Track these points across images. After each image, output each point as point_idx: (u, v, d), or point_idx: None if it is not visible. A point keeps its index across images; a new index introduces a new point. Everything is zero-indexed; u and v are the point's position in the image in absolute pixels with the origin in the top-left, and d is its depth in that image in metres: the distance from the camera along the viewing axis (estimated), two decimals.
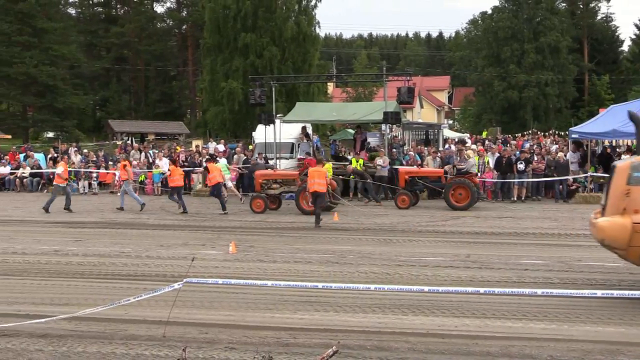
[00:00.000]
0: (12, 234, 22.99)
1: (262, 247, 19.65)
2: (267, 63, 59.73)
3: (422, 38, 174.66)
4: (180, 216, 27.48)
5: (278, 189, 29.77)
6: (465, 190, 28.91)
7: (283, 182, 29.95)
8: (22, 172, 39.45)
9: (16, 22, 67.79)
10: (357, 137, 37.64)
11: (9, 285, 15.13)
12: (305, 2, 63.75)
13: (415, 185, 30.66)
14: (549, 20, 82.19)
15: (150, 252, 18.99)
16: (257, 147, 37.92)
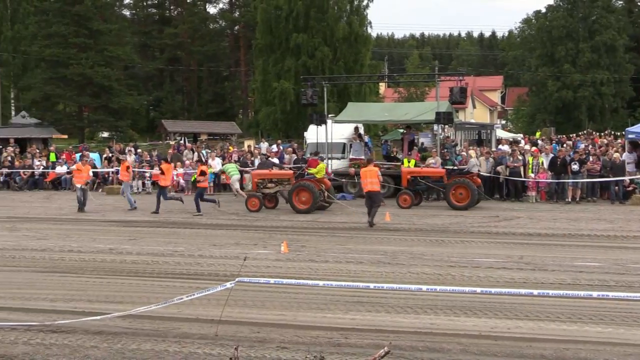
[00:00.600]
0: (69, 232, 23.39)
1: (314, 247, 19.68)
2: (318, 63, 59.77)
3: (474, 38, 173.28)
4: (234, 215, 27.64)
5: (273, 188, 30.19)
6: (465, 190, 29.18)
7: (278, 181, 30.39)
8: None
9: (72, 24, 68.85)
10: (405, 137, 37.48)
11: (65, 283, 15.40)
12: (357, 2, 63.63)
13: (417, 185, 30.85)
14: (605, 19, 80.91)
15: (203, 252, 19.15)
16: (308, 147, 37.98)
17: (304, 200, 28.54)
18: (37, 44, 70.42)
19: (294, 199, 28.61)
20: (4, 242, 21.14)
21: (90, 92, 69.21)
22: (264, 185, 30.12)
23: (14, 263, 17.83)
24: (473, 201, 29.14)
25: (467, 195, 29.08)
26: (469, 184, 29.24)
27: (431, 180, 30.88)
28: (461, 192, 29.25)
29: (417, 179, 30.83)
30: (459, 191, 29.31)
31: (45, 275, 16.28)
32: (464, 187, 29.25)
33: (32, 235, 22.53)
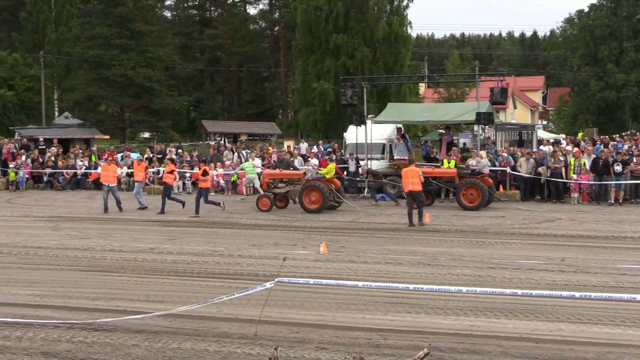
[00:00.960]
0: (110, 231, 23.64)
1: (353, 248, 19.67)
2: (358, 64, 59.76)
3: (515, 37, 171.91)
4: (273, 215, 27.72)
5: (284, 187, 30.31)
6: (476, 191, 29.30)
7: (289, 181, 30.48)
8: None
9: (115, 25, 69.67)
10: (443, 138, 37.30)
11: (107, 282, 15.57)
12: (397, 3, 63.51)
13: (429, 186, 30.68)
14: None
15: (243, 252, 19.24)
16: (348, 148, 37.98)
17: (314, 200, 28.78)
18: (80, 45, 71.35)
19: (304, 199, 28.84)
20: (48, 241, 21.45)
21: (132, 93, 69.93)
22: (275, 185, 30.36)
23: (57, 262, 18.07)
24: (483, 201, 29.29)
25: (478, 195, 29.22)
26: (479, 185, 29.34)
27: (443, 181, 31.01)
28: (472, 193, 29.45)
29: (429, 179, 30.84)
30: (470, 191, 29.50)
31: (87, 274, 16.48)
32: (474, 187, 29.43)
33: (75, 235, 22.82)
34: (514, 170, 33.05)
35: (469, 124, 40.27)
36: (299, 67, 64.47)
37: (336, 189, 29.51)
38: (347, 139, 39.18)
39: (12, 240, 21.68)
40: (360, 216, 27.35)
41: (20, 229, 24.26)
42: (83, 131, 53.99)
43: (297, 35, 65.16)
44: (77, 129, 54.29)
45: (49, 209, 30.37)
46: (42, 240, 21.65)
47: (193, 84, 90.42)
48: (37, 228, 24.59)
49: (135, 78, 68.05)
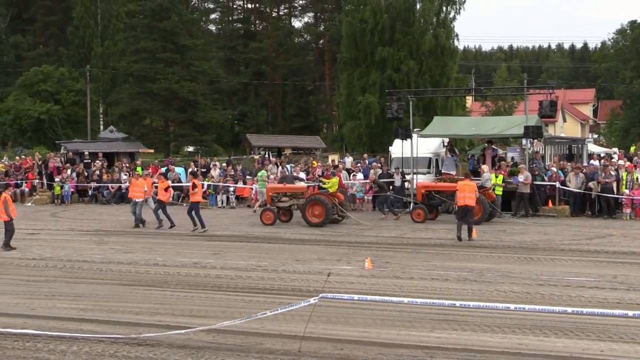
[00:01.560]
0: (154, 245, 23.84)
1: (399, 263, 19.58)
2: (404, 77, 59.65)
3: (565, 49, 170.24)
4: (317, 230, 27.74)
5: (288, 201, 30.58)
6: (477, 205, 28.64)
7: (292, 195, 30.78)
8: None
9: (160, 39, 70.55)
10: (486, 152, 37.00)
11: (150, 296, 15.69)
12: (444, 15, 63.34)
13: (432, 200, 31.06)
14: None
15: (287, 267, 19.26)
16: (393, 162, 37.87)
17: (317, 214, 29.06)
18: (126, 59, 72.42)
19: (307, 213, 29.13)
20: (92, 255, 21.69)
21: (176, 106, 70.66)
22: (279, 199, 30.63)
23: (101, 276, 18.26)
24: (484, 217, 29.24)
25: (479, 210, 28.90)
26: (480, 199, 29.01)
27: (445, 195, 30.99)
28: None
29: (432, 193, 31.17)
30: None
31: (131, 288, 16.62)
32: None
33: (119, 249, 23.06)
34: (563, 185, 32.67)
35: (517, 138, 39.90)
36: (344, 80, 64.58)
37: (339, 203, 29.92)
38: (392, 153, 39.07)
39: (57, 254, 21.96)
40: (405, 231, 27.23)
41: (64, 243, 24.58)
42: (128, 145, 54.67)
43: (343, 48, 65.29)
44: (122, 143, 55.00)
45: (94, 223, 30.73)
46: (87, 254, 21.90)
47: (237, 97, 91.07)
48: (82, 242, 24.89)
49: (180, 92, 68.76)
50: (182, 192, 40.03)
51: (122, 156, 50.23)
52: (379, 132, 60.03)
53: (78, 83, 74.03)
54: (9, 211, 22.80)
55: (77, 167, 42.36)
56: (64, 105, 72.05)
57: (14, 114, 70.35)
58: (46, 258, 21.12)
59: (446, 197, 31.03)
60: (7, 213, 22.74)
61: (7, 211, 22.74)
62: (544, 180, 33.11)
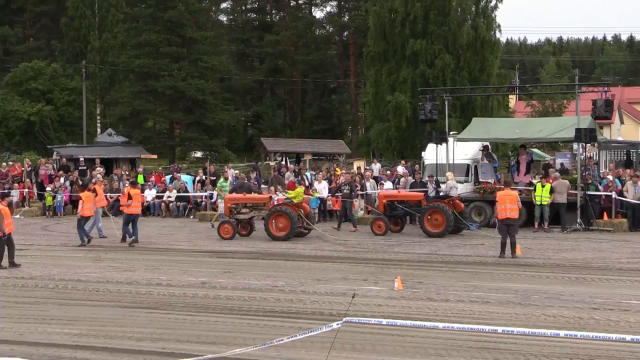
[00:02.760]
0: (157, 263, 23.92)
1: (433, 284, 19.54)
2: (439, 73, 59.59)
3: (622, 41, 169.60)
4: (340, 247, 27.75)
5: (247, 213, 31.09)
6: (441, 216, 30.01)
7: (253, 206, 31.32)
8: (168, 195, 40.90)
9: (164, 31, 70.75)
10: (521, 158, 36.86)
11: (153, 320, 15.73)
12: (484, 3, 63.18)
13: (394, 210, 31.84)
14: None
15: (306, 287, 19.26)
16: (427, 169, 37.85)
17: (281, 227, 29.55)
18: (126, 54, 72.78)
19: (270, 226, 29.57)
20: (88, 273, 21.79)
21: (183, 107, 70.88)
22: (238, 211, 31.11)
23: (98, 297, 18.34)
24: (448, 228, 29.96)
25: (443, 221, 29.89)
26: (444, 209, 29.99)
27: (409, 205, 31.92)
28: (437, 218, 30.21)
29: (395, 203, 31.86)
30: (435, 217, 30.27)
31: (131, 311, 16.68)
32: (439, 212, 30.12)
33: (118, 267, 23.15)
34: (620, 195, 32.50)
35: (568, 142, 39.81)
36: (371, 77, 64.57)
37: (305, 215, 30.26)
38: (425, 159, 39.05)
39: (49, 272, 22.08)
40: (439, 247, 27.19)
41: (57, 260, 24.71)
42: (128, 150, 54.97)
43: (369, 41, 65.30)
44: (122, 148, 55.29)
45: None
46: (82, 272, 22.00)
47: (251, 96, 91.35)
48: (77, 259, 25.02)
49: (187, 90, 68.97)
50: (189, 203, 40.28)
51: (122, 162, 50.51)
52: (410, 135, 59.97)
53: (73, 81, 74.52)
54: (2, 226, 22.79)
55: (71, 175, 42.54)
56: (57, 105, 72.57)
57: (0, 115, 70.94)
58: (36, 277, 21.24)
59: (409, 208, 31.89)
60: (0, 228, 22.76)
61: (0, 225, 22.75)
62: (598, 190, 32.96)
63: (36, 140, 70.25)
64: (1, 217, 22.75)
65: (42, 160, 46.84)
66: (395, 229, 31.99)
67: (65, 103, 73.20)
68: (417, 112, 38.32)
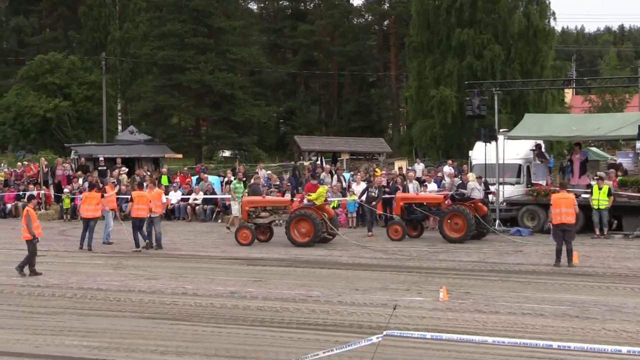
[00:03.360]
0: (182, 271, 24.01)
1: (481, 294, 19.47)
2: (487, 65, 59.31)
3: None
4: (381, 254, 27.70)
5: (267, 217, 31.12)
6: (462, 220, 30.04)
7: (273, 210, 31.35)
8: (194, 198, 41.00)
9: (190, 21, 70.82)
10: (574, 157, 36.57)
11: (178, 332, 15.79)
12: None
13: (412, 214, 31.79)
14: None
15: (343, 297, 19.25)
16: (474, 170, 37.66)
17: (303, 232, 29.55)
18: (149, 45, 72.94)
19: (291, 231, 29.54)
20: (108, 282, 21.93)
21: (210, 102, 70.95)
22: (257, 215, 31.07)
23: (119, 307, 18.45)
24: (469, 233, 29.96)
25: (464, 225, 29.94)
26: (465, 212, 29.95)
27: (428, 208, 31.88)
28: (457, 222, 30.25)
29: (412, 206, 31.81)
30: (455, 220, 30.31)
31: (155, 322, 16.76)
32: (459, 215, 30.13)
33: (140, 274, 23.28)
34: None
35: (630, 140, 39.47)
36: (414, 70, 64.43)
37: (329, 218, 30.24)
38: (473, 158, 38.88)
39: (66, 280, 22.26)
40: (489, 255, 27.08)
41: (75, 267, 24.91)
42: (151, 149, 55.22)
43: (412, 31, 65.16)
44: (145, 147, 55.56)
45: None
46: (102, 280, 22.15)
47: (283, 91, 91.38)
48: (96, 266, 25.20)
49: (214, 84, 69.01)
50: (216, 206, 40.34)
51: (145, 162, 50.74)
52: (456, 133, 59.76)
53: (92, 74, 74.99)
54: (32, 228, 23.04)
55: (90, 175, 42.71)
56: (75, 101, 73.05)
57: (15, 111, 71.53)
58: (53, 285, 21.42)
59: (428, 211, 31.75)
60: (30, 230, 23.00)
61: (30, 228, 22.99)
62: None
63: (53, 138, 70.76)
64: (29, 219, 23.03)
65: (59, 159, 47.01)
66: (413, 233, 31.99)
67: (84, 98, 73.66)
68: (464, 107, 38.10)
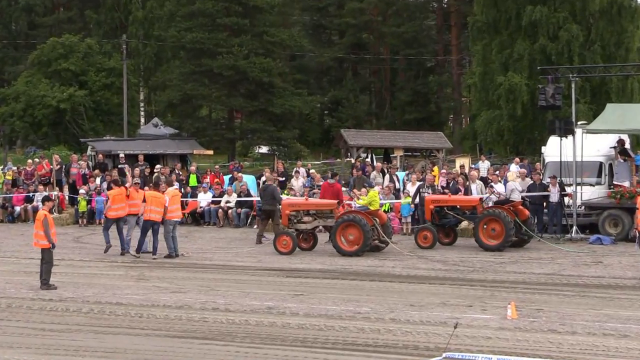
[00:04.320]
0: (213, 283, 24.11)
1: (555, 312, 19.37)
2: (563, 48, 58.91)
3: None
4: (439, 265, 27.62)
5: (311, 222, 31.05)
6: (499, 225, 29.90)
7: (317, 213, 31.32)
8: (226, 200, 40.98)
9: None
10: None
11: (209, 353, 15.87)
12: None
13: (444, 218, 31.81)
14: None
15: (396, 314, 19.23)
16: (548, 168, 37.41)
17: (351, 240, 29.48)
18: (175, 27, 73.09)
19: (338, 238, 29.53)
20: (130, 295, 22.06)
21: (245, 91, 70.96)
22: (299, 219, 31.06)
23: (142, 324, 18.56)
24: (507, 240, 29.92)
25: (502, 231, 29.81)
26: (502, 217, 29.83)
27: (462, 212, 31.98)
28: (494, 228, 30.25)
29: (444, 209, 31.87)
30: (491, 226, 30.31)
31: (182, 341, 16.84)
32: (497, 220, 30.06)
33: (165, 287, 23.40)
34: None
35: None
36: (478, 54, 64.18)
37: (381, 224, 30.15)
38: (547, 155, 38.66)
39: (82, 293, 22.43)
40: (564, 266, 26.93)
41: (92, 279, 25.10)
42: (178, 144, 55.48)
43: (476, 9, 64.92)
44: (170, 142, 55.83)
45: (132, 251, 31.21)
46: (122, 293, 22.30)
47: (328, 78, 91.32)
48: (115, 277, 25.37)
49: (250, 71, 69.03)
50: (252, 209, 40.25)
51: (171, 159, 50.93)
52: (527, 125, 59.46)
53: (111, 60, 75.30)
54: (50, 235, 23.17)
55: (109, 174, 42.85)
56: (92, 90, 73.33)
57: (24, 102, 71.92)
58: (67, 299, 21.58)
59: (462, 215, 31.83)
60: (49, 237, 23.11)
61: (48, 235, 23.10)
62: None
63: (67, 132, 71.14)
64: (47, 224, 23.08)
65: (74, 156, 47.12)
66: (445, 240, 32.05)
67: (102, 87, 73.89)
68: (536, 96, 37.89)
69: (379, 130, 71.91)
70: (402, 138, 62.49)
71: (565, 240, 32.76)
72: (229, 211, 40.51)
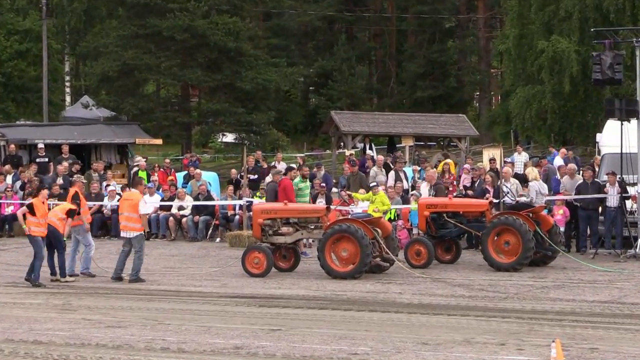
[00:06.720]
0: (162, 315, 24.14)
1: (613, 351, 19.45)
2: (625, 3, 59.08)
3: None
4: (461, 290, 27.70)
5: (291, 233, 30.57)
6: (515, 237, 29.77)
7: (299, 222, 30.90)
8: (179, 205, 40.92)
9: None
10: None
11: None
12: None
13: (443, 228, 31.85)
14: None
15: (405, 354, 19.29)
16: (605, 162, 37.49)
17: (345, 257, 29.11)
18: None
19: (327, 255, 29.14)
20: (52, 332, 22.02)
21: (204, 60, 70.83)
22: (275, 230, 30.65)
23: None
24: (525, 256, 29.76)
25: (518, 245, 29.62)
26: (518, 226, 29.64)
27: (465, 220, 31.94)
28: (507, 241, 30.13)
29: (443, 217, 31.88)
30: (504, 238, 30.18)
31: None
32: (511, 231, 29.91)
33: (98, 320, 23.40)
34: None
35: None
36: (513, 11, 64.43)
37: (384, 237, 29.85)
38: (603, 145, 38.83)
39: None
40: (625, 292, 27.03)
41: (2, 309, 25.09)
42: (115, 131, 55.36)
43: None
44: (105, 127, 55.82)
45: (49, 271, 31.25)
46: (41, 329, 22.30)
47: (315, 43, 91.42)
48: (33, 308, 25.38)
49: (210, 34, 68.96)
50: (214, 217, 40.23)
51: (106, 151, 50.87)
52: (577, 106, 59.68)
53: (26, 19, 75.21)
54: None
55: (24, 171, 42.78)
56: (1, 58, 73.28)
57: None
58: None
59: (466, 224, 31.89)
60: None
61: None
62: None
63: None
64: None
65: None
66: (445, 257, 32.21)
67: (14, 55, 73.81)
68: (590, 67, 38.05)
69: (381, 113, 71.91)
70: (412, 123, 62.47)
71: (628, 256, 32.86)
72: (183, 220, 40.40)
